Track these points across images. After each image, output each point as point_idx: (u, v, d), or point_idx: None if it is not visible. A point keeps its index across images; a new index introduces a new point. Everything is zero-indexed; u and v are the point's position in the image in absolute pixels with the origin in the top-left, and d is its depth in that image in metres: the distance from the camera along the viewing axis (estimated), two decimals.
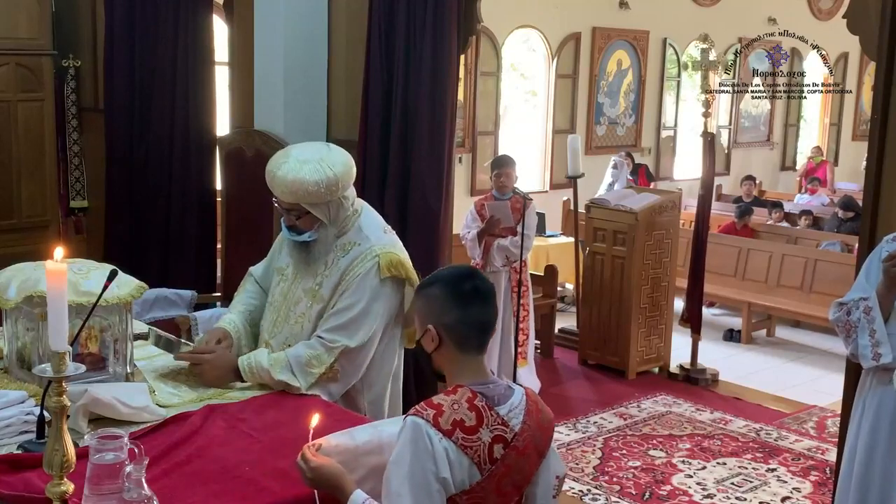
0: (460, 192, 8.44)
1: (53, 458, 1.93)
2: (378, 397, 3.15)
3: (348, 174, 3.02)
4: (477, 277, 2.12)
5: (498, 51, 9.72)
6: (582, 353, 6.89)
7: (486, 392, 2.03)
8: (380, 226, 3.14)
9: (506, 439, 2.00)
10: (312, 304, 3.05)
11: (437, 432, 1.95)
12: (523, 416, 2.04)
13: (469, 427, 1.97)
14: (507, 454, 1.99)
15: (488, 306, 2.10)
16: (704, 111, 6.50)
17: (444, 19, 4.58)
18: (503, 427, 2.00)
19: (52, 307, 1.93)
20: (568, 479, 4.84)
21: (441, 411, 1.97)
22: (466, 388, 2.03)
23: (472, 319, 2.08)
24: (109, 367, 2.91)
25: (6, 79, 5.81)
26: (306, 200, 2.95)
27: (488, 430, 1.98)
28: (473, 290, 2.08)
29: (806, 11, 13.03)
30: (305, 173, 2.91)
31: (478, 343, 2.10)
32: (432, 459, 1.93)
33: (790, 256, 8.12)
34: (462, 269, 2.19)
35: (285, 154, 3.02)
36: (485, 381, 2.06)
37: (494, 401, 2.02)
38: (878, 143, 3.44)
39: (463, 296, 2.07)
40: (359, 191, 5.07)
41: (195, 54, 5.91)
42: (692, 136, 11.00)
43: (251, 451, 2.51)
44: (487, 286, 2.12)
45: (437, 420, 1.96)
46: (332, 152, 3.04)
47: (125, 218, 6.10)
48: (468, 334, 2.08)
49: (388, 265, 2.99)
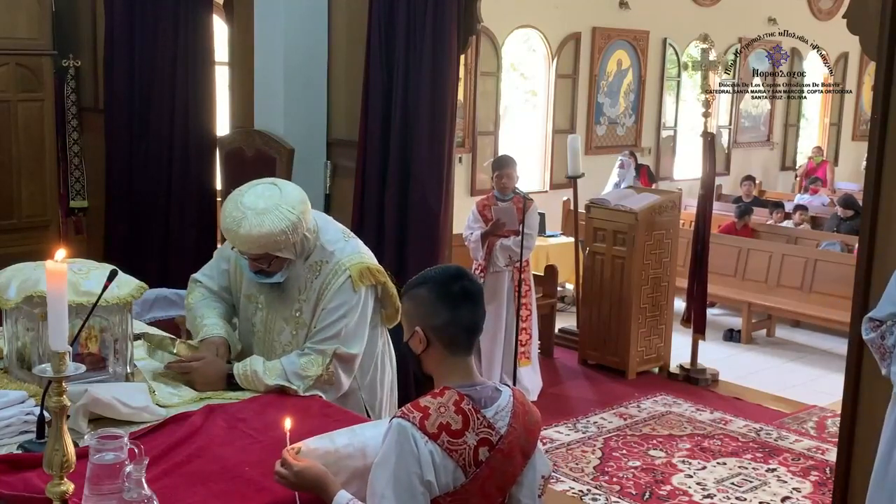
0: (460, 192, 8.44)
1: (53, 458, 1.93)
2: (372, 381, 3.17)
3: (306, 209, 2.94)
4: (465, 278, 2.09)
5: (498, 51, 9.72)
6: (582, 353, 6.89)
7: (474, 394, 2.01)
8: (340, 236, 3.09)
9: (491, 442, 1.99)
10: (297, 331, 3.04)
11: (422, 435, 1.94)
12: (509, 418, 2.02)
13: (455, 431, 1.96)
14: (493, 456, 1.98)
15: (477, 308, 2.08)
16: (704, 111, 6.50)
17: (444, 19, 4.58)
18: (489, 430, 1.99)
19: (52, 307, 1.92)
20: (568, 479, 4.84)
21: (427, 414, 1.96)
22: (454, 390, 2.01)
23: (461, 321, 2.05)
24: (109, 367, 2.91)
25: (6, 79, 5.81)
26: (275, 249, 2.89)
27: (474, 433, 1.97)
28: (462, 291, 2.05)
29: (806, 11, 13.03)
30: (269, 225, 2.82)
31: (466, 345, 2.07)
32: (417, 462, 1.93)
33: (790, 256, 8.12)
34: (450, 269, 2.14)
35: (238, 208, 2.87)
36: (472, 384, 2.04)
37: (481, 403, 2.01)
38: (878, 143, 3.44)
39: (452, 297, 2.04)
40: (359, 191, 5.10)
41: (195, 54, 5.91)
42: (692, 136, 11.00)
43: (251, 451, 2.51)
44: (476, 287, 2.09)
45: (424, 423, 1.95)
46: (285, 193, 2.92)
47: (125, 218, 6.10)
48: (457, 336, 2.05)
49: (359, 277, 2.97)
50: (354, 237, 3.16)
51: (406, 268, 4.72)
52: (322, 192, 5.42)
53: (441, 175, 4.71)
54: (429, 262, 4.66)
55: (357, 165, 4.99)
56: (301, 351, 2.99)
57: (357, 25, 5.11)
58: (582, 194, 7.62)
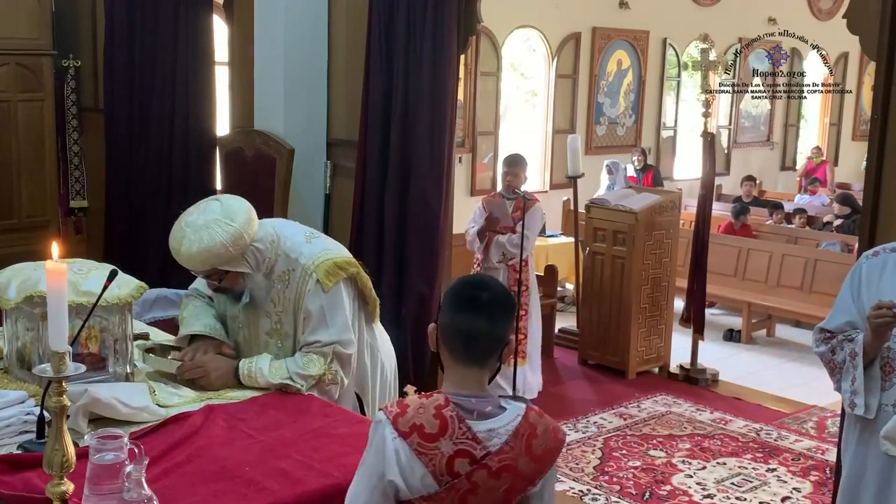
0: (460, 192, 8.43)
1: (53, 458, 1.93)
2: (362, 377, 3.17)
3: (250, 220, 2.93)
4: (483, 288, 2.04)
5: (498, 51, 9.72)
6: (582, 353, 6.88)
7: (464, 404, 1.96)
8: (302, 239, 3.07)
9: (473, 455, 1.92)
10: (282, 342, 3.05)
11: (392, 431, 1.92)
12: (509, 437, 1.94)
13: (428, 434, 1.91)
14: (475, 472, 1.92)
15: (478, 318, 2.00)
16: (704, 111, 6.49)
17: (444, 19, 4.58)
18: (472, 442, 1.92)
19: (52, 307, 1.92)
20: (568, 479, 4.84)
21: (404, 412, 1.94)
22: (442, 394, 1.98)
23: (458, 326, 2.00)
24: (109, 367, 2.91)
25: (6, 79, 5.82)
26: (220, 263, 2.89)
27: (451, 441, 1.91)
28: (469, 298, 2.02)
29: (806, 11, 13.03)
30: (207, 239, 2.82)
31: (463, 351, 2.01)
32: (383, 458, 1.92)
33: (790, 256, 8.12)
34: (476, 277, 2.13)
35: (180, 227, 2.89)
36: (469, 393, 1.98)
37: (472, 415, 1.95)
38: (878, 143, 3.44)
39: (459, 301, 2.03)
40: (359, 191, 5.10)
41: (195, 54, 5.91)
42: (692, 136, 11.00)
43: (251, 451, 2.51)
44: (489, 298, 2.01)
45: (397, 419, 1.93)
46: (226, 206, 2.92)
47: (125, 218, 6.10)
48: (453, 339, 2.02)
49: (326, 276, 2.96)
50: (320, 236, 3.15)
51: (406, 268, 4.72)
52: (322, 192, 5.43)
53: (441, 175, 4.71)
54: (429, 261, 4.66)
55: (357, 165, 4.99)
56: (301, 353, 2.99)
57: (357, 25, 5.11)
58: (582, 194, 7.62)
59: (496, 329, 2.01)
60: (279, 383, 2.93)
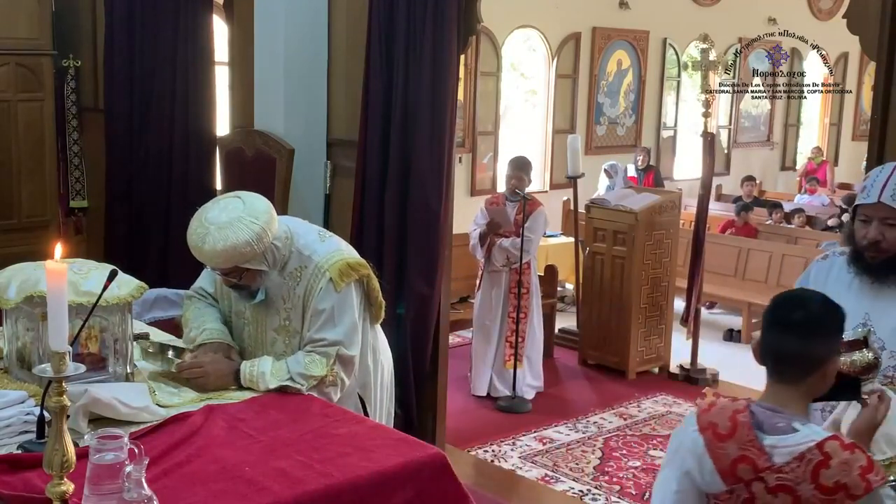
0: (460, 192, 8.44)
1: (53, 458, 1.93)
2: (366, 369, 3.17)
3: (271, 218, 2.94)
4: (801, 307, 2.06)
5: (498, 51, 9.72)
6: (582, 353, 6.88)
7: (758, 414, 2.01)
8: (315, 237, 3.08)
9: (756, 465, 1.96)
10: (289, 340, 3.05)
11: (695, 423, 2.05)
12: (793, 459, 1.92)
13: (720, 433, 2.01)
14: (754, 482, 1.96)
15: (784, 337, 2.02)
16: (704, 111, 6.49)
17: (444, 19, 4.57)
18: (756, 451, 1.96)
19: (52, 307, 1.92)
20: (568, 479, 4.85)
21: (709, 409, 2.06)
22: (747, 402, 2.06)
23: (768, 344, 2.08)
24: (109, 367, 2.91)
25: (6, 79, 5.81)
26: (243, 261, 2.88)
27: (737, 445, 1.98)
28: (779, 317, 2.06)
29: (806, 11, 13.03)
30: (233, 238, 2.82)
31: (771, 368, 2.07)
32: (682, 447, 2.07)
33: (790, 256, 8.12)
34: (797, 293, 2.18)
35: (202, 224, 2.87)
36: (769, 406, 2.02)
37: (760, 426, 1.99)
38: (878, 143, 3.44)
39: (772, 317, 2.08)
40: (359, 191, 5.09)
41: (195, 54, 5.90)
42: (692, 136, 11.00)
43: (251, 451, 2.51)
44: (803, 318, 2.02)
45: (703, 414, 2.06)
46: (248, 203, 2.92)
47: (125, 218, 6.09)
48: (764, 356, 2.10)
49: (339, 276, 2.96)
50: (332, 235, 3.16)
51: (406, 268, 4.71)
52: (322, 192, 5.42)
53: (441, 175, 4.70)
54: (429, 262, 4.65)
55: (357, 165, 4.98)
56: (305, 352, 2.99)
57: (357, 25, 5.10)
58: (582, 194, 7.62)
59: (807, 349, 2.01)
60: (280, 385, 2.93)
